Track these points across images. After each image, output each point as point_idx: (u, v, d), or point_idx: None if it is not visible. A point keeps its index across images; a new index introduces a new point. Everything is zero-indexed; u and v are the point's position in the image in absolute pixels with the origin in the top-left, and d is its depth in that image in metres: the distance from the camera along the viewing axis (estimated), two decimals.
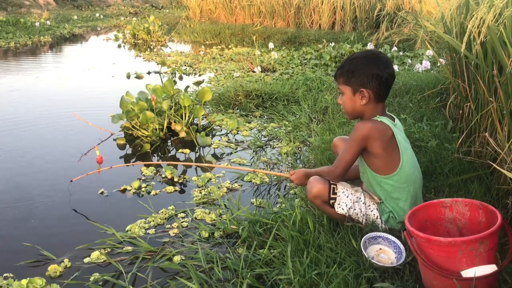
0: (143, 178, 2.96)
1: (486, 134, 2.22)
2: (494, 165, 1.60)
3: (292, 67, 6.64)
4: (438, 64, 5.15)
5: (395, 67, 5.51)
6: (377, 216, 1.90)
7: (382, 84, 1.84)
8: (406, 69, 5.61)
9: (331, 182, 1.94)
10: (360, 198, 1.93)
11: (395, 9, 8.67)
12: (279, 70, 6.47)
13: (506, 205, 1.93)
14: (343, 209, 1.90)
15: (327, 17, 9.97)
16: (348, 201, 1.90)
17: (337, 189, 1.92)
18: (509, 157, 1.90)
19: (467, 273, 1.36)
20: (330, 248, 1.78)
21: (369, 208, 1.92)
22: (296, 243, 1.87)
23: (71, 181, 2.71)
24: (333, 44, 7.55)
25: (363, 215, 1.90)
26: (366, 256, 1.68)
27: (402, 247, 1.72)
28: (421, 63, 5.46)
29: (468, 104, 2.71)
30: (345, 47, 6.89)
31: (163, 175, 3.00)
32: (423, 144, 2.69)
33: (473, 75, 2.62)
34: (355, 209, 1.91)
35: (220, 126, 4.08)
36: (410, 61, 6.26)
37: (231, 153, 3.44)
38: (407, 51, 7.06)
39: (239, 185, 2.85)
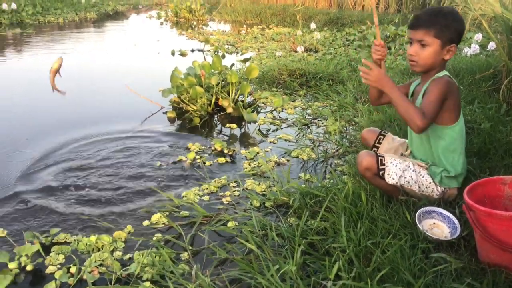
0: (196, 150, 3.05)
1: None
2: None
3: (335, 48, 6.59)
4: (488, 48, 5.00)
5: None
6: (430, 181, 1.93)
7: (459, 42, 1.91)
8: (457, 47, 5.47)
9: (379, 154, 1.99)
10: (409, 166, 1.96)
11: None
12: (322, 50, 6.44)
13: None
14: (393, 178, 1.93)
15: None
16: (397, 170, 1.93)
17: (385, 160, 1.96)
18: None
19: None
20: (384, 220, 1.82)
21: (420, 175, 1.95)
22: (349, 214, 1.93)
23: None
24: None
25: (415, 182, 1.93)
26: (421, 229, 1.72)
27: (456, 222, 1.75)
28: (469, 47, 5.31)
29: None
30: (390, 29, 6.76)
31: (212, 148, 3.09)
32: (475, 126, 2.66)
33: None
34: (405, 177, 1.93)
35: (264, 104, 4.14)
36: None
37: (277, 129, 3.50)
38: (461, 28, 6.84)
39: (286, 160, 2.91)
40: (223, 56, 6.49)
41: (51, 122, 3.64)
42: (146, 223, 2.16)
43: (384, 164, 1.94)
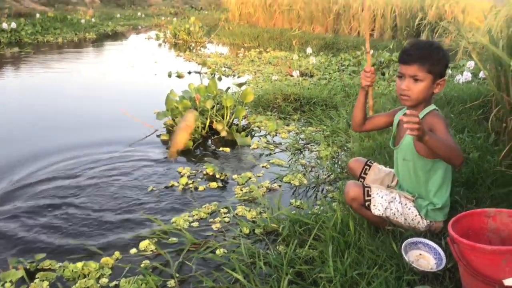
0: (187, 174, 3.06)
1: None
2: None
3: (330, 73, 6.68)
4: (480, 76, 5.08)
5: None
6: (416, 214, 1.95)
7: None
8: (446, 80, 5.55)
9: (365, 185, 2.02)
10: (395, 197, 1.98)
11: (437, 18, 8.58)
12: (317, 75, 6.52)
13: None
14: (379, 210, 1.95)
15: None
16: (383, 201, 1.96)
17: (371, 191, 1.98)
18: None
19: (510, 281, 1.39)
20: (371, 251, 1.83)
21: (406, 207, 1.96)
22: (337, 244, 1.93)
23: None
24: (371, 51, 7.53)
25: (401, 214, 1.95)
26: (407, 260, 1.73)
27: (442, 253, 1.76)
28: (461, 75, 5.39)
29: None
30: (384, 55, 6.87)
31: (204, 172, 3.10)
32: (464, 155, 2.69)
33: None
34: (391, 209, 1.95)
35: (259, 128, 4.17)
36: (450, 71, 6.18)
37: (270, 154, 3.52)
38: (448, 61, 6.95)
39: (278, 185, 2.92)
40: (220, 79, 6.52)
41: (41, 141, 3.67)
42: (133, 251, 2.14)
43: (370, 195, 1.96)
